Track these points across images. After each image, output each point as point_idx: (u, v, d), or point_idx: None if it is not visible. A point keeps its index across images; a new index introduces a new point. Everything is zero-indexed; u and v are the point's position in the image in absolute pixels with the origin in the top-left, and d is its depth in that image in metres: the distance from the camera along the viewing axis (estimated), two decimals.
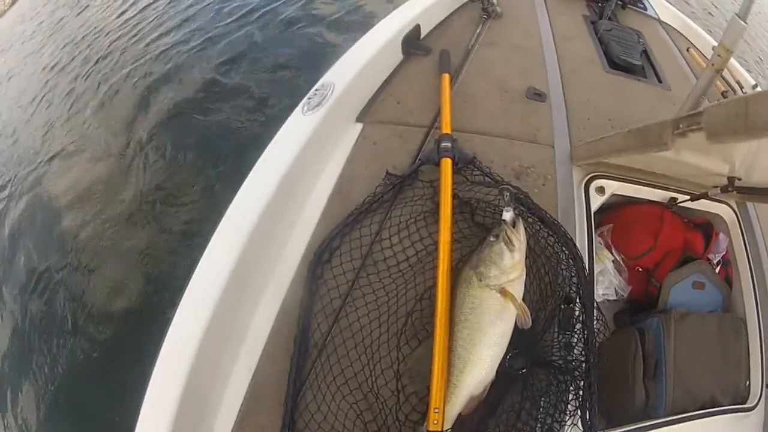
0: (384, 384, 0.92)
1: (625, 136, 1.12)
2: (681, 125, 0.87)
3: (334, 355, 0.95)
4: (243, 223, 1.08)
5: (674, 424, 1.13)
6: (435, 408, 0.81)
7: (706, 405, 1.19)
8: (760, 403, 1.24)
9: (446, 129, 1.31)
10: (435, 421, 0.79)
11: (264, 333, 1.04)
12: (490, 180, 1.18)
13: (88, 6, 7.54)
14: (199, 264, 1.02)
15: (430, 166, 1.21)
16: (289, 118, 1.37)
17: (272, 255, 1.17)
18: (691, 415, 1.16)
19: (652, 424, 1.12)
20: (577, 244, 1.09)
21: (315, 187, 1.30)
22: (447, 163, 1.17)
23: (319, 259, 1.07)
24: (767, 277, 1.43)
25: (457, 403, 0.83)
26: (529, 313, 0.88)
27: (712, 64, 1.37)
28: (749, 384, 1.27)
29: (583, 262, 1.04)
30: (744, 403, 1.24)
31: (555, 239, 1.08)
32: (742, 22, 1.25)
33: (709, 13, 6.68)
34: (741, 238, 1.49)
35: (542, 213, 1.11)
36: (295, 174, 1.23)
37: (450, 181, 1.13)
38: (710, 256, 1.50)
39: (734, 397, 1.24)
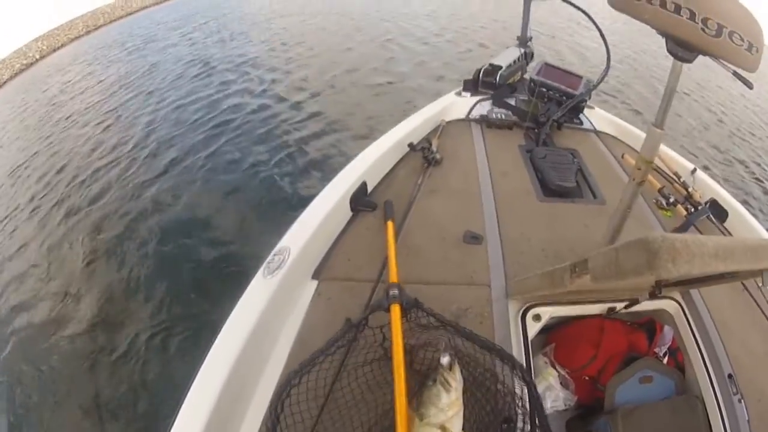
0: None
1: (540, 278, 1.26)
2: (576, 269, 1.01)
3: None
4: (214, 379, 1.20)
5: None
6: None
7: None
8: None
9: (393, 278, 1.43)
10: None
11: None
12: (434, 320, 1.31)
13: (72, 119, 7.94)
14: (178, 418, 1.11)
15: (381, 313, 1.33)
16: (252, 283, 1.51)
17: (240, 408, 1.26)
18: None
19: None
20: None
21: (277, 343, 1.44)
22: (396, 309, 1.30)
23: (279, 397, 1.12)
24: (719, 354, 1.47)
25: None
26: None
27: (633, 179, 1.38)
28: None
29: (531, 376, 1.19)
30: None
31: (500, 364, 1.21)
32: (659, 130, 1.26)
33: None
34: (687, 325, 1.54)
35: (486, 342, 1.24)
36: (259, 334, 1.36)
37: (400, 325, 1.26)
38: (656, 350, 1.66)
39: None
